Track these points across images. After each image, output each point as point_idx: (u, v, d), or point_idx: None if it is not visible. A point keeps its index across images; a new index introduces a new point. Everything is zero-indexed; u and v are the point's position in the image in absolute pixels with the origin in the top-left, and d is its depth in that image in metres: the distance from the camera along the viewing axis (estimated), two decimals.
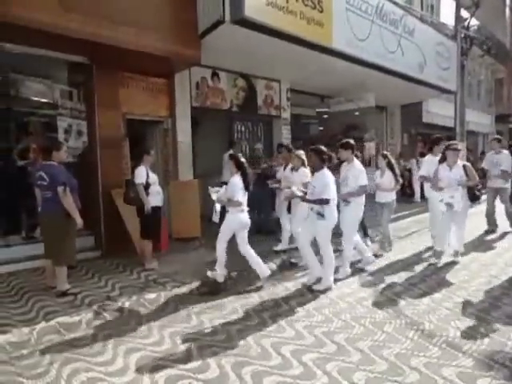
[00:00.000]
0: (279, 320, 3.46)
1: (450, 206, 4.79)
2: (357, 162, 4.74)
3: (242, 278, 4.59)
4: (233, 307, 3.78)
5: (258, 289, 4.25)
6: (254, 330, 3.28)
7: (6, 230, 5.35)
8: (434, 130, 13.04)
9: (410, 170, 10.98)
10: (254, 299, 3.99)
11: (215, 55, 6.24)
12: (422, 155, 7.92)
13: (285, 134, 8.64)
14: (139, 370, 2.68)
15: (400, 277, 4.59)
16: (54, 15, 4.12)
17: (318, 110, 11.18)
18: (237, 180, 4.23)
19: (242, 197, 4.22)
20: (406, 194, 10.78)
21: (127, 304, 3.80)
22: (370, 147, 13.11)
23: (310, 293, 4.10)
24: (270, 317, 3.53)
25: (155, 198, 4.85)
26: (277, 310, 3.71)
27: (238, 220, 4.27)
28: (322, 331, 3.22)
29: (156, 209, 4.83)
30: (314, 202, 4.11)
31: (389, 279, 4.52)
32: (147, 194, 4.73)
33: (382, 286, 4.32)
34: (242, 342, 3.05)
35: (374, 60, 7.56)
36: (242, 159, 4.38)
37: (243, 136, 8.66)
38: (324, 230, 4.18)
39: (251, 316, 3.57)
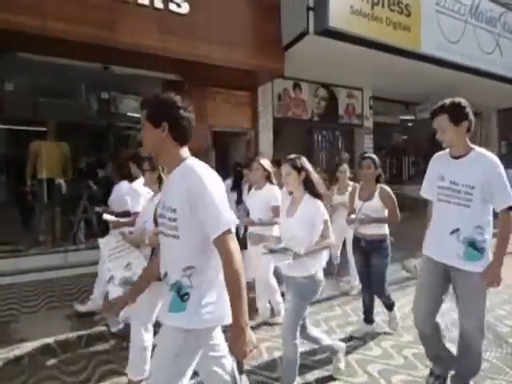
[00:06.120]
0: (367, 338, 3.34)
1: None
2: (131, 184, 3.16)
3: None
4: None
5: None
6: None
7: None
8: None
9: None
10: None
11: (297, 66, 6.31)
12: None
13: (367, 144, 8.38)
14: None
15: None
16: (153, 39, 4.52)
17: (402, 117, 10.68)
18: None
19: None
20: None
21: None
22: None
23: None
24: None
25: None
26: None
27: None
28: (411, 353, 3.03)
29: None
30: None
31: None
32: None
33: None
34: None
35: (468, 63, 7.00)
36: None
37: (323, 146, 8.56)
38: None
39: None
